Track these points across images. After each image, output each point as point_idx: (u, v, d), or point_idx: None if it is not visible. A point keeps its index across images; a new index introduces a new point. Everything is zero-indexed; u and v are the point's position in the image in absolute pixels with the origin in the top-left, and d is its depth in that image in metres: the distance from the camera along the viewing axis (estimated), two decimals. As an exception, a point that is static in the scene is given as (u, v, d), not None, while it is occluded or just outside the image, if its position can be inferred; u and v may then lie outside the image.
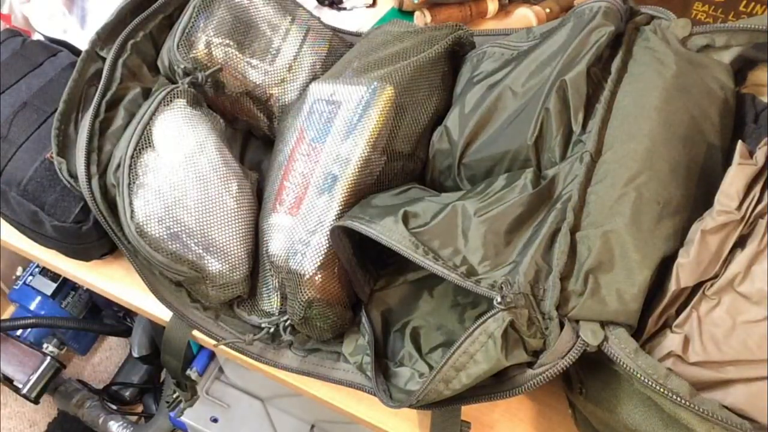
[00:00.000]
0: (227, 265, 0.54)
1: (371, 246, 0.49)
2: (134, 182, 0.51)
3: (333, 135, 0.53)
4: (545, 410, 0.55)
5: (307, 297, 0.50)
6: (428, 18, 0.80)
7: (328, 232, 0.50)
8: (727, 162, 0.46)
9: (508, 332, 0.43)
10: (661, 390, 0.40)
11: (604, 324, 0.43)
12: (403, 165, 0.57)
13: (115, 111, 0.55)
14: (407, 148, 0.56)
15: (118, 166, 0.52)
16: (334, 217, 0.50)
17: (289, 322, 0.54)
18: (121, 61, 0.57)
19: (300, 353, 0.56)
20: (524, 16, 0.80)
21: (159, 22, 0.59)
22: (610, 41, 0.51)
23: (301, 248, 0.50)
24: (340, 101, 0.55)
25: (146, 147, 0.53)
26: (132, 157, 0.52)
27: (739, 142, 0.45)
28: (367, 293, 0.54)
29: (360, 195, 0.52)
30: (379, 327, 0.53)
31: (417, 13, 0.82)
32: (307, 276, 0.50)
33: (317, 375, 0.54)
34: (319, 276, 0.50)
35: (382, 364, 0.51)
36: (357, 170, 0.52)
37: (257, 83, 0.61)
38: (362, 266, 0.53)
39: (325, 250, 0.50)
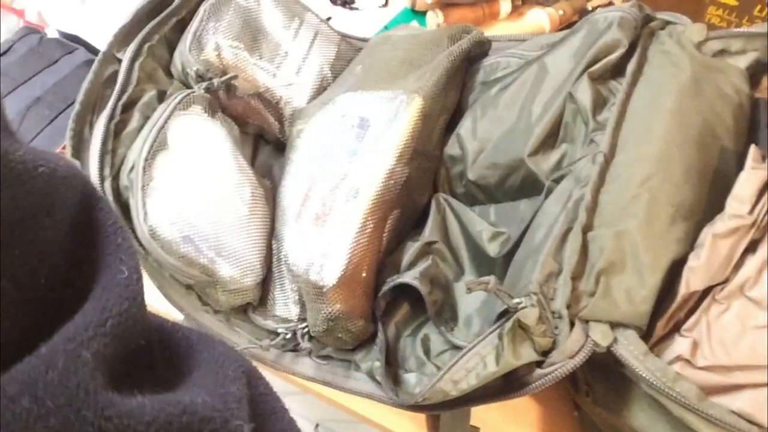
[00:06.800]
0: (239, 271, 0.55)
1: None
2: (148, 185, 0.53)
3: (362, 147, 0.54)
4: (551, 412, 0.55)
5: (329, 310, 0.52)
6: (441, 18, 0.81)
7: (351, 245, 0.51)
8: (740, 166, 0.46)
9: (517, 331, 0.44)
10: (670, 393, 0.40)
11: (613, 325, 0.43)
12: (426, 167, 0.59)
13: (130, 113, 0.56)
14: (428, 148, 0.57)
15: (132, 168, 0.53)
16: (357, 230, 0.52)
17: (307, 329, 0.54)
18: (137, 63, 0.58)
19: (317, 360, 0.56)
20: (537, 17, 0.81)
21: (173, 26, 0.60)
22: (622, 54, 0.52)
23: (322, 260, 0.52)
24: (369, 114, 0.56)
25: (161, 150, 0.54)
26: (146, 159, 0.53)
27: (752, 146, 0.46)
28: (383, 306, 0.54)
29: (385, 205, 0.54)
30: (392, 335, 0.53)
31: (429, 13, 0.83)
32: (328, 288, 0.51)
33: (332, 384, 0.55)
34: (341, 289, 0.52)
35: (392, 371, 0.52)
36: (382, 182, 0.53)
37: (267, 86, 0.63)
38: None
39: (346, 263, 0.52)
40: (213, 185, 0.55)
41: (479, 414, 0.55)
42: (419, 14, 0.85)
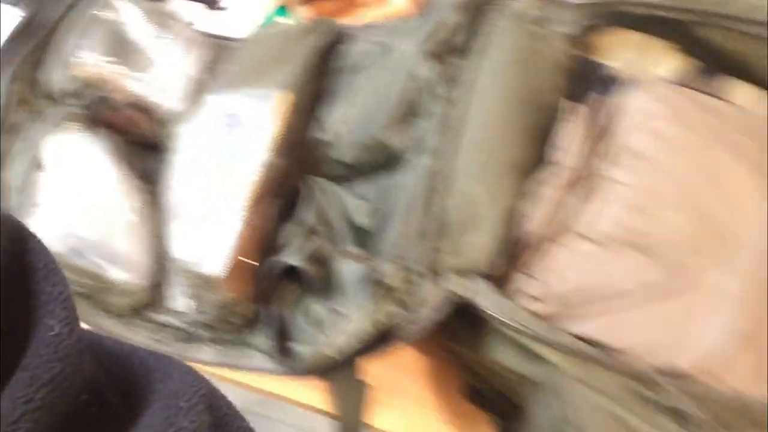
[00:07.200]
0: (131, 274, 0.58)
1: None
2: (29, 204, 0.54)
3: (235, 144, 0.57)
4: (437, 362, 0.61)
5: (219, 299, 0.57)
6: (305, 12, 0.84)
7: (234, 237, 0.56)
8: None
9: (386, 293, 0.49)
10: (515, 326, 0.46)
11: (467, 274, 0.49)
12: (300, 154, 0.63)
13: (6, 137, 0.57)
14: (299, 138, 0.61)
15: (12, 190, 0.55)
16: (239, 222, 0.56)
17: (202, 319, 0.58)
18: (9, 88, 0.59)
19: (215, 346, 0.60)
20: (400, 1, 0.85)
21: (42, 47, 0.62)
22: (458, 32, 0.57)
23: (207, 253, 0.56)
24: (240, 112, 0.59)
25: (38, 170, 0.56)
26: (24, 180, 0.55)
27: (566, 100, 0.52)
28: (270, 288, 0.58)
29: (264, 196, 0.58)
30: (282, 313, 0.58)
31: (294, 8, 0.86)
32: (215, 279, 0.56)
33: (232, 366, 0.59)
34: (228, 278, 0.56)
35: (285, 345, 0.57)
36: (259, 176, 0.58)
37: (141, 94, 0.65)
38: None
39: (231, 254, 0.56)
40: (96, 198, 0.57)
41: (372, 374, 0.60)
42: (288, 10, 0.89)
